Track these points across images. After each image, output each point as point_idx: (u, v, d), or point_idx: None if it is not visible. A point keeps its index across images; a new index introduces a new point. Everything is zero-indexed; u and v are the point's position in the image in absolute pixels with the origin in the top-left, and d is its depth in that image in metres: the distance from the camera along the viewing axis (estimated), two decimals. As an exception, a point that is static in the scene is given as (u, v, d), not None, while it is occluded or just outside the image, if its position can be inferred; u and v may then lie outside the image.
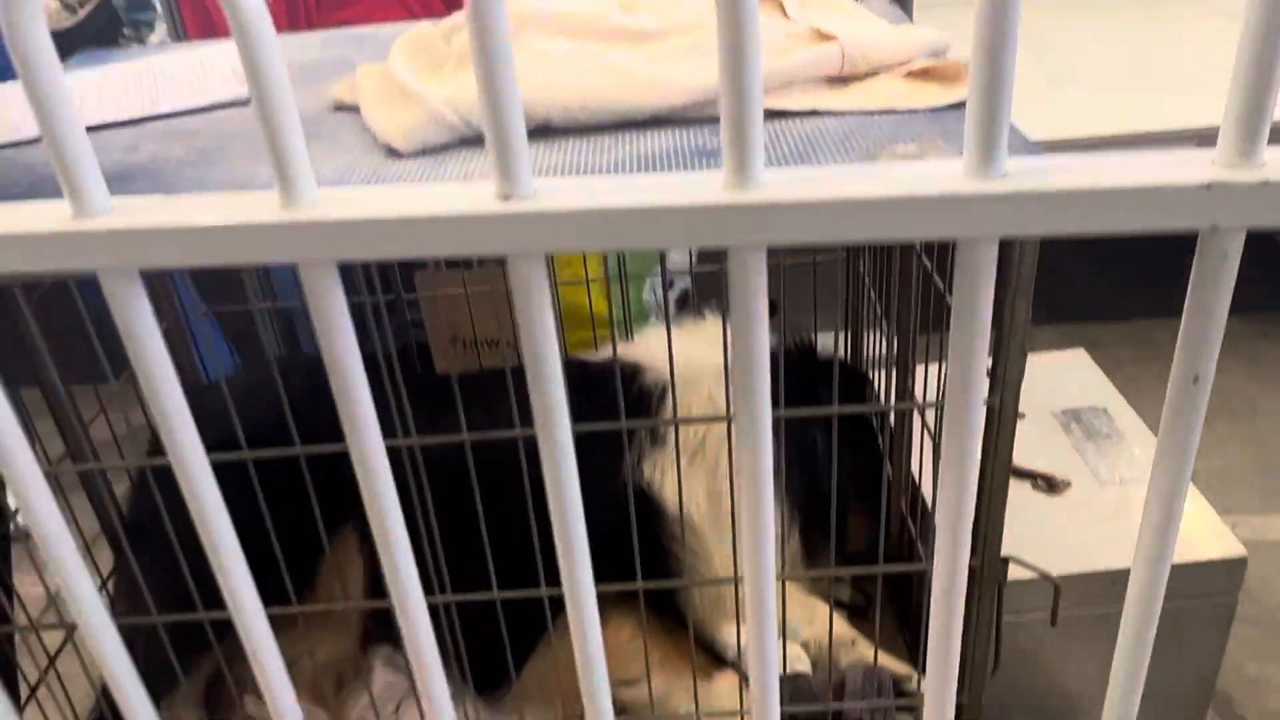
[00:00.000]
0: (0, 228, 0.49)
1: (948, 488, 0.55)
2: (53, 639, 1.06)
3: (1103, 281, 2.46)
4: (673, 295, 1.96)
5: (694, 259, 1.89)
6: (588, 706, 0.64)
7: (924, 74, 0.84)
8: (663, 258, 1.18)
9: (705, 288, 1.89)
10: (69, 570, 0.64)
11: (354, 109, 0.89)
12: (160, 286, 1.38)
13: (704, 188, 0.47)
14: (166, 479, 1.05)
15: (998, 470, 0.82)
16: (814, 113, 0.81)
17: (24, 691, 1.04)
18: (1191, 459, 0.55)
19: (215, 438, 0.77)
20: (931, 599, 0.60)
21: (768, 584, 0.60)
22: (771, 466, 0.57)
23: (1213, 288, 0.48)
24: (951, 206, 0.46)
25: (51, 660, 1.03)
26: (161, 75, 1.07)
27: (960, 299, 0.50)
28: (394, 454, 0.56)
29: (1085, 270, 2.56)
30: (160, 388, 0.54)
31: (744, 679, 1.13)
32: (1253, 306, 2.24)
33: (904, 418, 1.17)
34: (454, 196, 0.48)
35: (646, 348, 1.33)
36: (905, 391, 1.12)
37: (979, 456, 0.55)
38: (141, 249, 0.50)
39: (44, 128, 0.46)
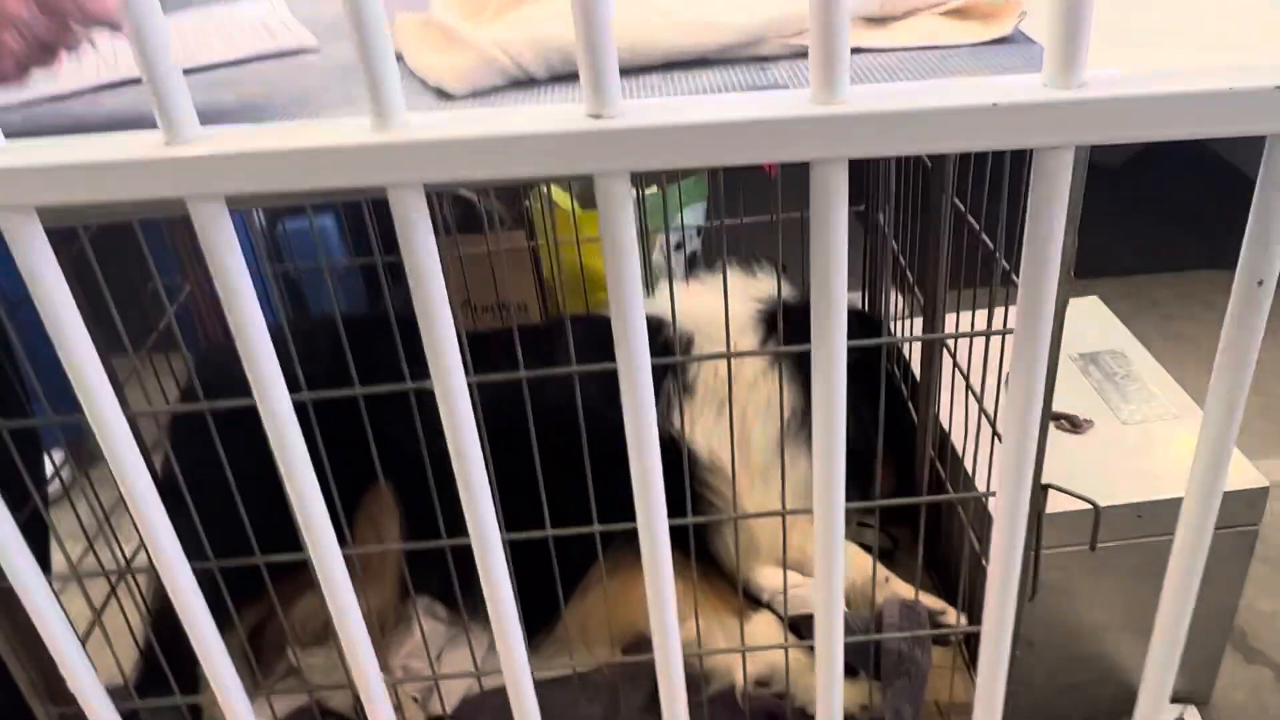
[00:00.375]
0: (95, 155, 0.50)
1: (1017, 388, 0.57)
2: (96, 595, 1.07)
3: (1096, 239, 2.49)
4: (682, 256, 1.98)
5: (709, 214, 1.90)
6: (656, 634, 0.66)
7: (960, 12, 0.85)
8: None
9: (716, 244, 1.90)
10: (147, 504, 0.66)
11: (396, 57, 0.90)
12: (185, 250, 1.38)
13: (792, 103, 0.48)
14: (197, 435, 1.06)
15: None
16: (857, 50, 0.82)
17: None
18: (1252, 363, 0.57)
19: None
20: (995, 519, 0.63)
21: (838, 513, 0.62)
22: (845, 380, 0.59)
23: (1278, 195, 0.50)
24: (1034, 114, 0.47)
25: (98, 612, 1.04)
26: (190, 31, 1.07)
27: (1036, 207, 0.51)
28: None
29: (1081, 231, 2.59)
30: (246, 318, 0.55)
31: (782, 619, 1.15)
32: (1251, 259, 2.26)
33: (931, 363, 1.19)
34: (544, 116, 0.50)
35: (665, 303, 1.34)
36: (935, 339, 1.14)
37: (1045, 362, 0.57)
38: (232, 175, 0.50)
39: (140, 56, 0.47)
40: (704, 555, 1.20)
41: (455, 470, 0.59)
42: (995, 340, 0.97)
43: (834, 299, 0.54)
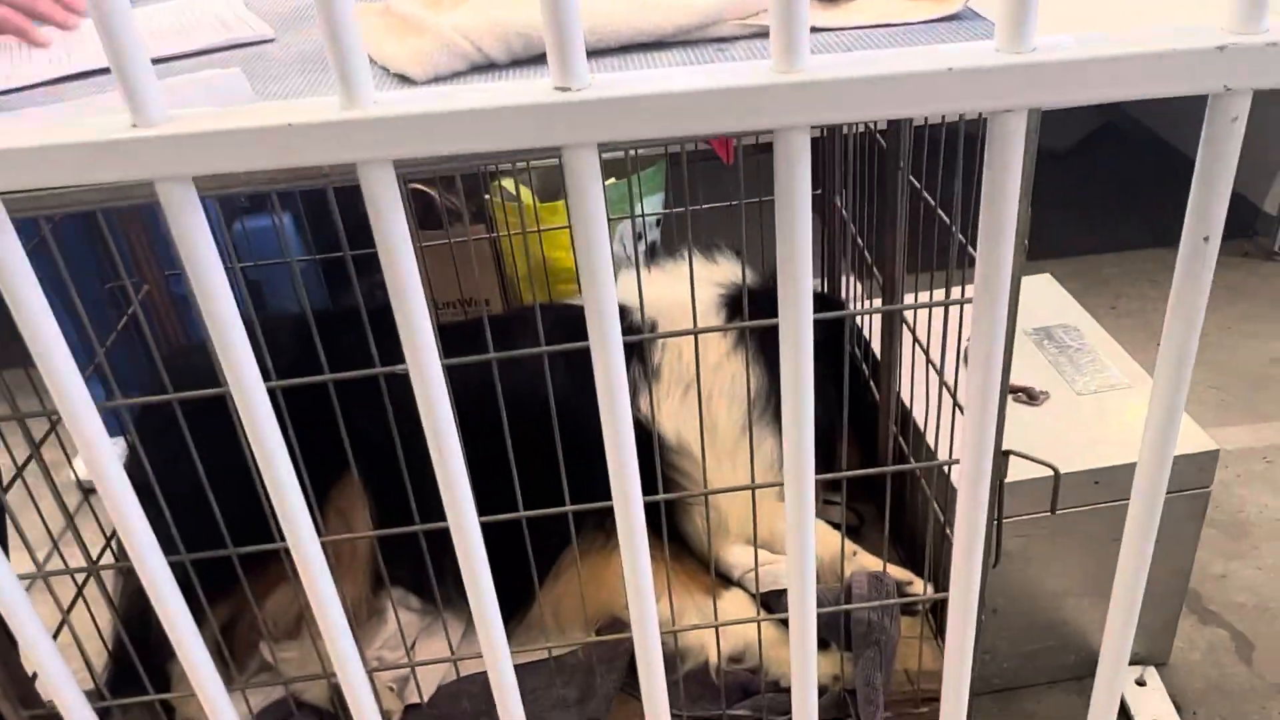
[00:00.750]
0: (61, 138, 0.50)
1: (978, 349, 0.58)
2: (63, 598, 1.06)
3: (1047, 220, 2.55)
4: (644, 245, 1.99)
5: (668, 204, 1.91)
6: (633, 608, 0.67)
7: (912, -9, 0.87)
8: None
9: (675, 233, 1.91)
10: (120, 495, 0.65)
11: (353, 46, 0.90)
12: (143, 251, 1.37)
13: (755, 71, 0.50)
14: (163, 434, 1.06)
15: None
16: (812, 29, 0.83)
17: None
18: (1200, 318, 0.59)
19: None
20: (959, 484, 0.64)
21: (807, 481, 0.64)
22: (811, 349, 0.61)
23: (1222, 151, 0.52)
24: (988, 78, 0.49)
25: (66, 612, 1.03)
26: (146, 25, 1.07)
27: (992, 172, 0.53)
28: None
29: (1033, 211, 2.65)
30: (217, 300, 0.55)
31: (754, 596, 1.17)
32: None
33: (891, 340, 1.21)
34: (512, 90, 0.50)
35: (627, 290, 1.35)
36: (894, 315, 1.17)
37: (1005, 324, 0.59)
38: (200, 154, 0.51)
39: (106, 38, 0.47)
40: (675, 536, 1.22)
41: (430, 444, 0.60)
42: (953, 316, 0.99)
43: (799, 266, 0.55)
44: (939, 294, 1.01)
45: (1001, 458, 0.92)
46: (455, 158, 0.81)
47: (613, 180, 1.87)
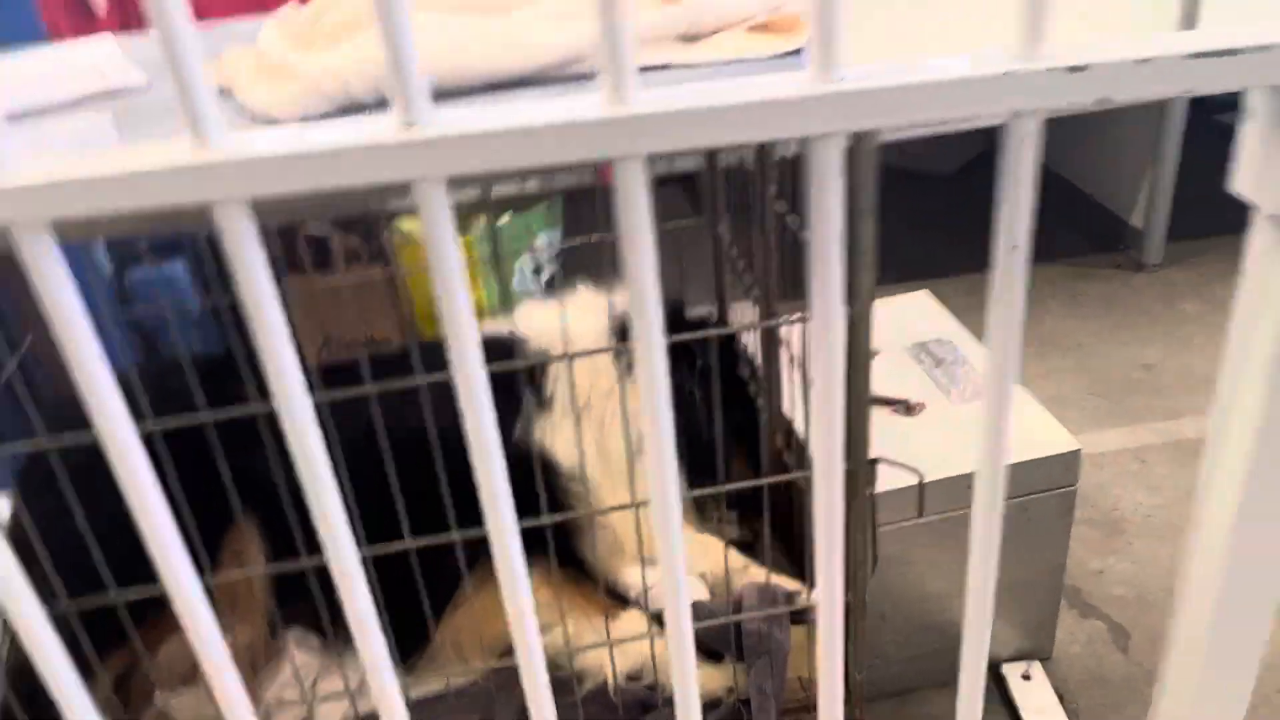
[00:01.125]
0: (-91, 189, 0.50)
1: (819, 364, 0.62)
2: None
3: (935, 240, 2.67)
4: (543, 279, 2.02)
5: (565, 238, 1.95)
6: (517, 639, 0.68)
7: (764, 27, 0.92)
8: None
9: (574, 265, 1.95)
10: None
11: (225, 92, 0.92)
12: (28, 302, 1.35)
13: (587, 106, 0.53)
14: (48, 484, 1.04)
15: (858, 374, 0.90)
16: (667, 66, 0.88)
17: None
18: (1019, 320, 0.64)
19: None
20: (814, 495, 0.68)
21: (672, 500, 0.66)
22: (667, 379, 0.64)
23: (1019, 169, 0.57)
24: (802, 106, 0.53)
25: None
26: (16, 73, 1.06)
27: (815, 196, 0.57)
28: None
29: (919, 235, 2.77)
30: (80, 347, 0.56)
31: (649, 614, 1.19)
32: (1070, 252, 2.46)
33: (770, 357, 1.26)
34: (359, 128, 0.53)
35: (526, 321, 1.38)
36: (772, 334, 1.21)
37: (842, 336, 0.63)
38: (54, 201, 0.52)
39: (-49, 87, 0.48)
40: (573, 561, 1.24)
41: (303, 481, 0.61)
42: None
43: (646, 293, 0.58)
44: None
45: (870, 466, 0.97)
46: (312, 196, 0.83)
47: (506, 218, 1.90)
